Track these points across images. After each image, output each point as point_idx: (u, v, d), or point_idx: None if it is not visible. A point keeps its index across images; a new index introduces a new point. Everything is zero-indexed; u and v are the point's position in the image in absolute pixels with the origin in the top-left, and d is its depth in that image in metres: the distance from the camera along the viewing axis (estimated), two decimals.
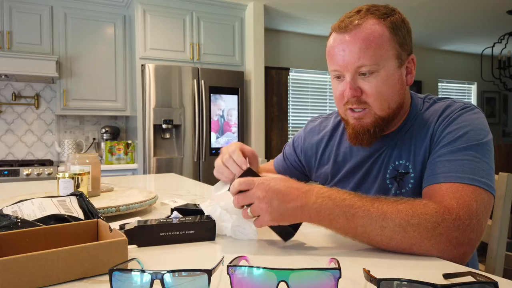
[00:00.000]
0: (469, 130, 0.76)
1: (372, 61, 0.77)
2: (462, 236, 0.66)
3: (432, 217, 0.65)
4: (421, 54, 5.56)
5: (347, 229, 0.68)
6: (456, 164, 0.73)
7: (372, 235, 0.67)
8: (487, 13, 4.08)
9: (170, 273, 0.44)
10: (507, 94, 6.43)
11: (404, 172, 0.83)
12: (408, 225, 0.65)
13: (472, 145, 0.74)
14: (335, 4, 3.68)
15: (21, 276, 0.50)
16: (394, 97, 0.81)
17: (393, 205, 0.67)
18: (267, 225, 0.71)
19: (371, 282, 0.45)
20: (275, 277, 0.44)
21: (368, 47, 0.77)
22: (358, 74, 0.79)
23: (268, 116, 4.34)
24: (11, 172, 2.90)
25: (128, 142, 3.46)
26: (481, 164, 0.72)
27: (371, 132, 0.82)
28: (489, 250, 0.93)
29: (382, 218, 0.66)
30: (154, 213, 1.04)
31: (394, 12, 0.83)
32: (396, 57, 0.80)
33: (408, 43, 0.82)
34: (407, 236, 0.65)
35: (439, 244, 0.65)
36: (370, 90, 0.79)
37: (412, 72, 0.84)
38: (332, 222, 0.68)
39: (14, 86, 3.41)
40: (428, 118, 0.83)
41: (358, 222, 0.67)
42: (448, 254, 0.66)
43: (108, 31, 3.46)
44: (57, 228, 0.64)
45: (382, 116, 0.81)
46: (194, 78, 3.32)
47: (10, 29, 3.11)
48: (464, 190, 0.69)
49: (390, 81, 0.79)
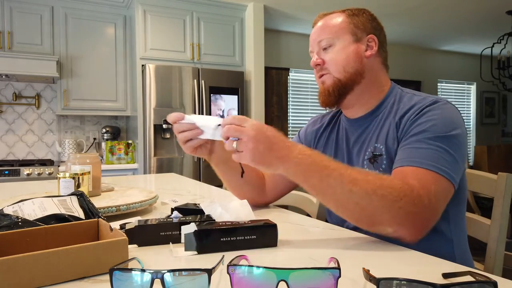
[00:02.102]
0: (437, 122, 0.81)
1: (328, 34, 0.95)
2: (420, 214, 0.72)
3: (396, 191, 0.71)
4: (420, 54, 5.56)
5: (319, 188, 0.74)
6: (421, 152, 0.79)
7: (340, 197, 0.73)
8: (486, 13, 4.08)
9: (170, 272, 0.44)
10: (506, 94, 6.44)
11: (378, 154, 0.90)
12: (374, 194, 0.71)
13: (438, 137, 0.80)
14: (334, 5, 3.68)
15: (22, 275, 0.50)
16: (349, 63, 0.93)
17: (364, 175, 0.74)
18: (245, 163, 0.76)
19: (371, 281, 0.46)
20: (275, 276, 0.44)
21: (326, 26, 0.97)
22: (321, 50, 0.97)
23: (268, 116, 4.34)
24: (11, 172, 2.90)
25: (128, 142, 3.47)
26: (445, 154, 0.78)
27: (330, 91, 0.95)
28: (489, 250, 0.94)
29: (353, 183, 0.72)
30: (154, 213, 1.04)
31: (363, 11, 0.98)
32: (351, 33, 0.95)
33: (367, 27, 0.96)
34: (371, 204, 0.71)
35: (397, 218, 0.72)
36: (328, 58, 0.96)
37: (373, 48, 0.96)
38: (307, 179, 0.74)
39: (14, 86, 3.42)
40: (402, 108, 0.90)
41: (330, 182, 0.72)
42: (404, 229, 0.73)
43: (108, 31, 3.46)
44: (57, 227, 0.65)
45: (340, 78, 0.94)
46: (194, 78, 3.32)
47: (10, 29, 3.11)
48: (425, 174, 0.76)
49: (344, 50, 0.94)
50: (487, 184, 0.97)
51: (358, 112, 0.99)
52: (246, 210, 0.82)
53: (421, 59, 5.57)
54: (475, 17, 4.22)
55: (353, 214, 0.74)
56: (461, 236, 0.89)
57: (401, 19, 4.25)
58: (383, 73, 0.99)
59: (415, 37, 5.03)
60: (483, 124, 6.32)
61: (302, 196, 1.30)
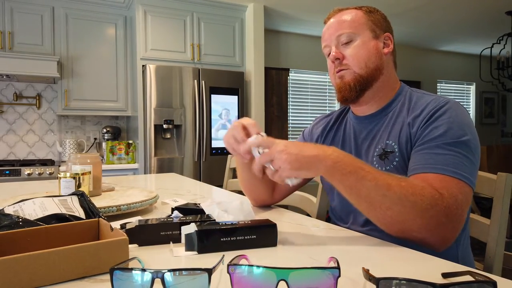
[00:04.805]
0: (453, 126, 0.82)
1: (349, 29, 0.93)
2: (449, 223, 0.73)
3: (428, 199, 0.72)
4: (420, 55, 5.55)
5: (354, 188, 0.74)
6: (441, 157, 0.79)
7: (374, 200, 0.73)
8: (486, 13, 4.08)
9: (170, 272, 0.45)
10: (505, 94, 6.43)
11: (390, 151, 0.90)
12: (407, 200, 0.71)
13: (457, 142, 0.80)
14: (334, 5, 3.68)
15: (22, 275, 0.50)
16: (370, 59, 0.93)
17: (397, 180, 0.73)
18: (288, 176, 0.74)
19: (370, 281, 0.46)
20: (275, 276, 0.45)
21: (345, 20, 0.95)
22: (340, 44, 0.95)
23: (268, 116, 4.34)
24: (12, 172, 2.90)
25: (129, 142, 3.47)
26: (464, 159, 0.79)
27: (351, 86, 0.94)
28: (488, 250, 0.94)
29: (386, 188, 0.72)
30: (155, 213, 1.04)
31: (376, 9, 0.98)
32: (370, 29, 0.94)
33: (383, 25, 0.97)
34: (404, 211, 0.71)
35: (429, 225, 0.72)
36: (349, 53, 0.94)
37: (389, 46, 0.97)
38: (343, 178, 0.73)
39: (15, 86, 3.42)
40: (414, 107, 0.90)
41: (365, 184, 0.72)
42: (433, 238, 0.73)
43: (109, 31, 3.46)
44: (58, 227, 0.65)
45: (361, 73, 0.93)
46: (194, 78, 3.32)
47: (11, 30, 3.12)
48: (449, 181, 0.76)
49: (365, 46, 0.93)
50: (487, 184, 0.97)
51: (369, 109, 0.99)
52: (247, 210, 0.82)
53: (420, 59, 5.56)
54: (475, 17, 4.22)
55: (383, 218, 0.74)
56: (465, 236, 0.90)
57: (400, 20, 4.25)
58: (394, 72, 1.00)
59: (415, 37, 5.03)
60: (483, 124, 6.31)
61: (302, 196, 1.30)
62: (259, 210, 1.07)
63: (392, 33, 0.99)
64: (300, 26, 4.45)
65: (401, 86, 1.00)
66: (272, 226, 0.72)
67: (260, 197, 1.09)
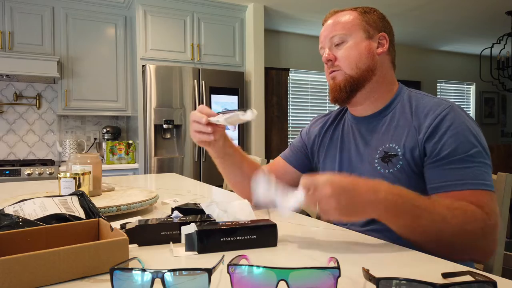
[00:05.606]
0: (468, 134, 0.82)
1: (341, 30, 0.95)
2: (495, 237, 0.78)
3: (478, 223, 0.74)
4: (420, 55, 5.55)
5: (408, 227, 0.74)
6: (469, 172, 0.79)
7: (429, 235, 0.74)
8: (486, 13, 4.08)
9: (170, 272, 0.45)
10: (505, 94, 6.43)
11: (393, 154, 0.89)
12: (464, 232, 0.73)
13: (477, 152, 0.81)
14: (334, 5, 3.68)
15: (23, 275, 0.50)
16: (361, 59, 0.93)
17: (450, 210, 0.74)
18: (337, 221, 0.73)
19: (370, 281, 0.46)
20: (275, 276, 0.45)
21: (338, 22, 0.96)
22: (333, 46, 0.96)
23: (268, 116, 4.34)
24: (12, 172, 2.90)
25: (129, 142, 3.47)
26: (486, 168, 0.80)
27: (341, 87, 0.94)
28: None
29: (442, 222, 0.73)
30: (155, 213, 1.04)
31: (373, 9, 0.99)
32: (363, 30, 0.95)
33: (378, 25, 0.97)
34: (460, 241, 0.74)
35: (482, 248, 0.77)
36: (340, 55, 0.95)
37: (384, 46, 0.96)
38: (398, 220, 0.73)
39: (15, 86, 3.42)
40: (416, 110, 0.89)
41: (421, 223, 0.73)
42: (485, 256, 0.78)
43: (109, 31, 3.46)
44: (58, 227, 0.65)
45: (351, 74, 0.94)
46: (194, 78, 3.32)
47: (11, 30, 3.12)
48: (483, 196, 0.78)
49: (357, 47, 0.94)
50: None
51: (367, 110, 0.99)
52: (247, 210, 0.82)
53: (420, 59, 5.56)
54: (475, 17, 4.22)
55: (437, 247, 0.74)
56: None
57: (400, 20, 4.25)
58: (391, 72, 0.99)
59: (415, 37, 5.03)
60: (483, 124, 6.31)
61: None
62: (260, 210, 1.07)
63: (390, 33, 0.98)
64: (300, 26, 4.45)
65: (399, 87, 0.99)
66: (272, 226, 0.72)
67: (249, 193, 1.05)
